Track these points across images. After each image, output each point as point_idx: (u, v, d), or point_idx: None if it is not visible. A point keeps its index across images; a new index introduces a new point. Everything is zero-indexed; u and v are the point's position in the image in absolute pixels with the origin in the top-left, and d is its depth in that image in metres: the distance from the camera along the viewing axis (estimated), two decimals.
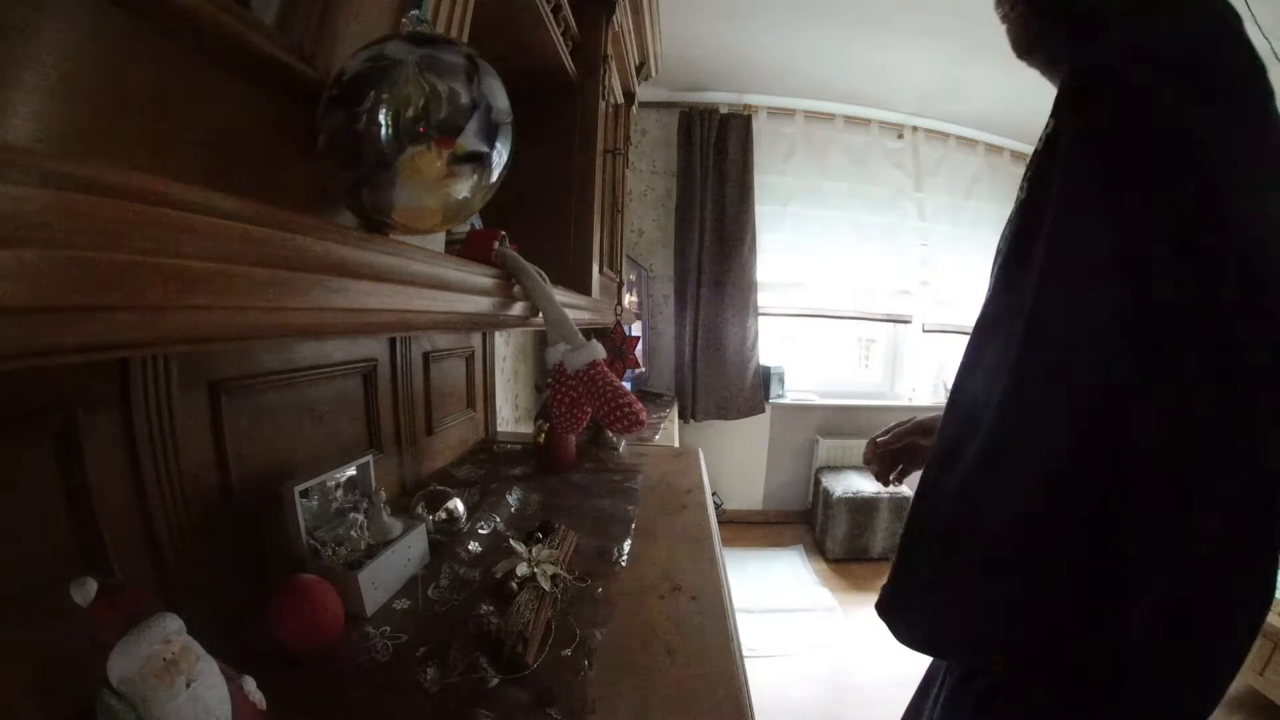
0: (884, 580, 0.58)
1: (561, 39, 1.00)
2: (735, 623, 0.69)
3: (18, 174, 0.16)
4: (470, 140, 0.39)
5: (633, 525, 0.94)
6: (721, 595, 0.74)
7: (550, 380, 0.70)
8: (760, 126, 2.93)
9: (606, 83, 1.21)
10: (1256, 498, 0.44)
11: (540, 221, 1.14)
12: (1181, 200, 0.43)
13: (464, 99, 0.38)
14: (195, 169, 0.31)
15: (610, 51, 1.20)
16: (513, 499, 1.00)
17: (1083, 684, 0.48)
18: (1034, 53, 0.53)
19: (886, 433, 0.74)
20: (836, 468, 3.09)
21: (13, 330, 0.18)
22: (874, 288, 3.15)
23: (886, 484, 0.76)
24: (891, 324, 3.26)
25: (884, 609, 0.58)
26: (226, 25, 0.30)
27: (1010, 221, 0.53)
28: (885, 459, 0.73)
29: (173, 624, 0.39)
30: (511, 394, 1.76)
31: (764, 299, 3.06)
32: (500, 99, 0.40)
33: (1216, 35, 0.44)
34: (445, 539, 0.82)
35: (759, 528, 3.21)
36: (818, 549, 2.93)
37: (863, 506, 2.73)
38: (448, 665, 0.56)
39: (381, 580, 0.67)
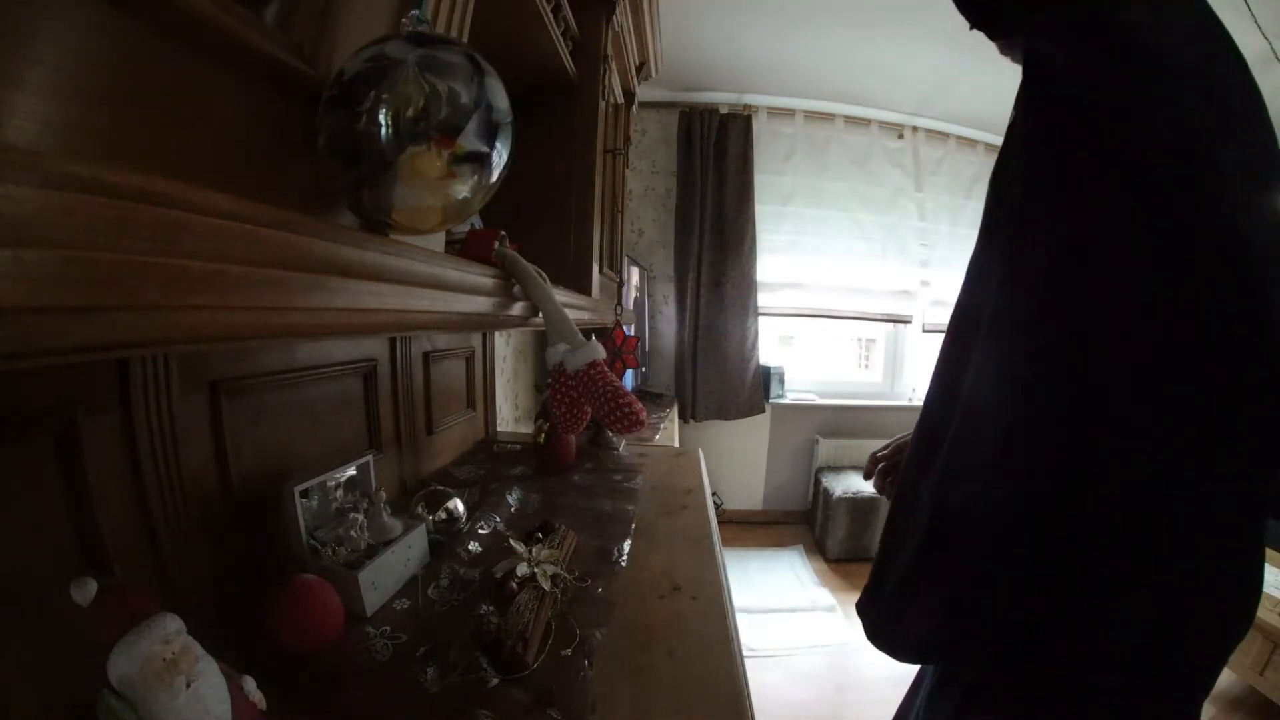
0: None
1: (561, 38, 1.00)
2: (735, 623, 0.69)
3: (17, 174, 0.16)
4: (470, 140, 0.39)
5: (633, 525, 0.94)
6: (721, 595, 0.74)
7: (550, 380, 0.70)
8: (760, 126, 2.93)
9: (606, 83, 1.21)
10: (1239, 515, 0.43)
11: (540, 221, 1.14)
12: (1158, 199, 0.41)
13: (464, 99, 0.38)
14: (195, 169, 0.31)
15: (610, 51, 1.20)
16: (513, 499, 1.00)
17: (1057, 689, 0.47)
18: (1012, 51, 0.51)
19: (886, 447, 0.74)
20: (836, 468, 3.09)
21: (13, 330, 0.18)
22: (874, 288, 3.15)
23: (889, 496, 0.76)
24: (891, 324, 3.26)
25: (860, 608, 0.59)
26: (226, 25, 0.30)
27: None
28: (885, 472, 0.73)
29: (173, 624, 0.38)
30: (511, 394, 1.76)
31: (764, 299, 3.06)
32: (500, 99, 0.40)
33: (1199, 30, 0.42)
34: (445, 539, 0.82)
35: (759, 528, 3.21)
36: (818, 549, 2.93)
37: (863, 506, 2.73)
38: (448, 665, 0.56)
39: (381, 580, 0.67)
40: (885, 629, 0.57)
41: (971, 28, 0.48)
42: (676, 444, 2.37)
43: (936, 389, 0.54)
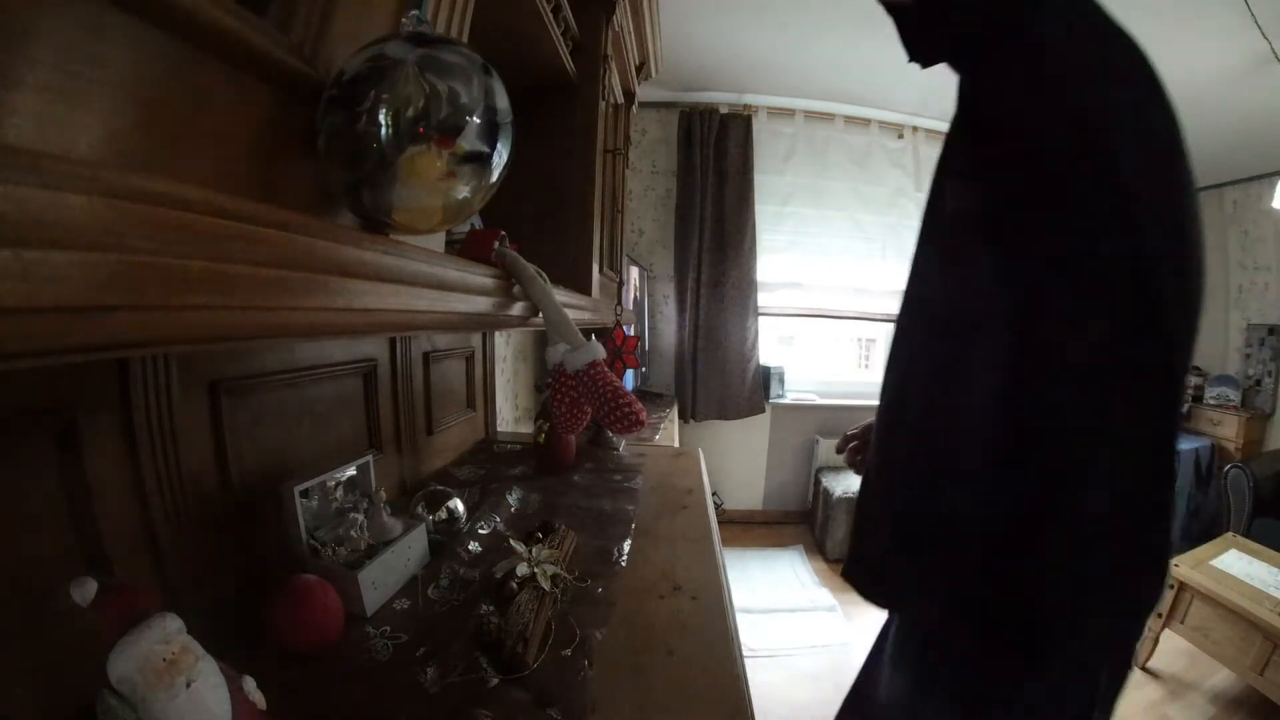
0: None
1: (561, 39, 1.00)
2: (735, 623, 0.69)
3: (17, 174, 0.16)
4: (470, 140, 0.39)
5: (633, 525, 0.94)
6: (721, 595, 0.74)
7: (550, 380, 0.70)
8: (760, 126, 2.93)
9: (606, 83, 1.21)
10: (1143, 477, 0.49)
11: (540, 221, 1.14)
12: (1076, 204, 0.44)
13: (464, 99, 0.38)
14: (195, 169, 0.31)
15: (610, 51, 1.20)
16: (513, 499, 1.00)
17: (1003, 635, 0.53)
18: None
19: (857, 427, 0.83)
20: (836, 468, 3.08)
21: (13, 330, 0.18)
22: (874, 288, 3.15)
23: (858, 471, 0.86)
24: (891, 324, 3.26)
25: (846, 575, 0.66)
26: (226, 25, 0.30)
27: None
28: (855, 450, 0.83)
29: (173, 624, 0.39)
30: (511, 394, 1.76)
31: (764, 299, 3.06)
32: (500, 99, 0.40)
33: (1108, 42, 0.44)
34: (445, 539, 0.82)
35: (759, 528, 3.21)
36: (818, 549, 2.93)
37: None
38: (448, 665, 0.56)
39: (381, 580, 0.67)
40: (866, 583, 0.64)
41: (909, 60, 0.53)
42: (676, 444, 2.37)
43: (885, 381, 0.62)
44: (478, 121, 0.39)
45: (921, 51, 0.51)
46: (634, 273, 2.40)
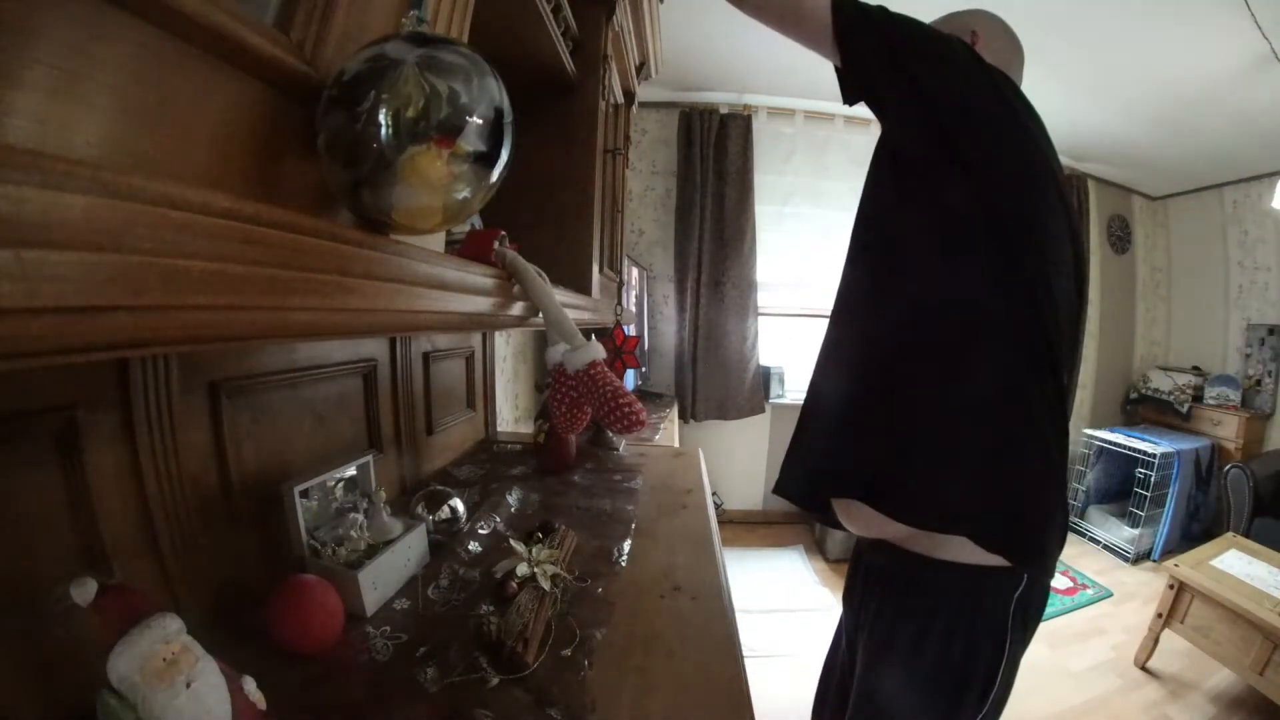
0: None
1: (561, 39, 1.00)
2: (735, 623, 0.69)
3: (17, 175, 0.16)
4: (471, 140, 0.39)
5: (633, 525, 0.94)
6: (721, 595, 0.74)
7: (550, 380, 0.70)
8: (760, 126, 2.93)
9: (606, 83, 1.21)
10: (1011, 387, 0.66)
11: (540, 221, 1.14)
12: (965, 189, 0.67)
13: (464, 99, 0.38)
14: (195, 168, 0.31)
15: (610, 51, 1.20)
16: (513, 499, 1.00)
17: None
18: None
19: None
20: None
21: (12, 330, 0.18)
22: None
23: None
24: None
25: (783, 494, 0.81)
26: (226, 25, 0.30)
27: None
28: None
29: (173, 624, 0.39)
30: (511, 394, 1.76)
31: (764, 299, 3.06)
32: (501, 99, 0.40)
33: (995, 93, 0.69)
34: (445, 539, 0.82)
35: (759, 528, 3.20)
36: (818, 549, 2.92)
37: None
38: (448, 665, 0.56)
39: (381, 580, 0.67)
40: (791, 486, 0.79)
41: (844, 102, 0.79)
42: (676, 444, 2.37)
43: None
44: (478, 121, 0.39)
45: (846, 97, 0.78)
46: (634, 273, 2.40)
